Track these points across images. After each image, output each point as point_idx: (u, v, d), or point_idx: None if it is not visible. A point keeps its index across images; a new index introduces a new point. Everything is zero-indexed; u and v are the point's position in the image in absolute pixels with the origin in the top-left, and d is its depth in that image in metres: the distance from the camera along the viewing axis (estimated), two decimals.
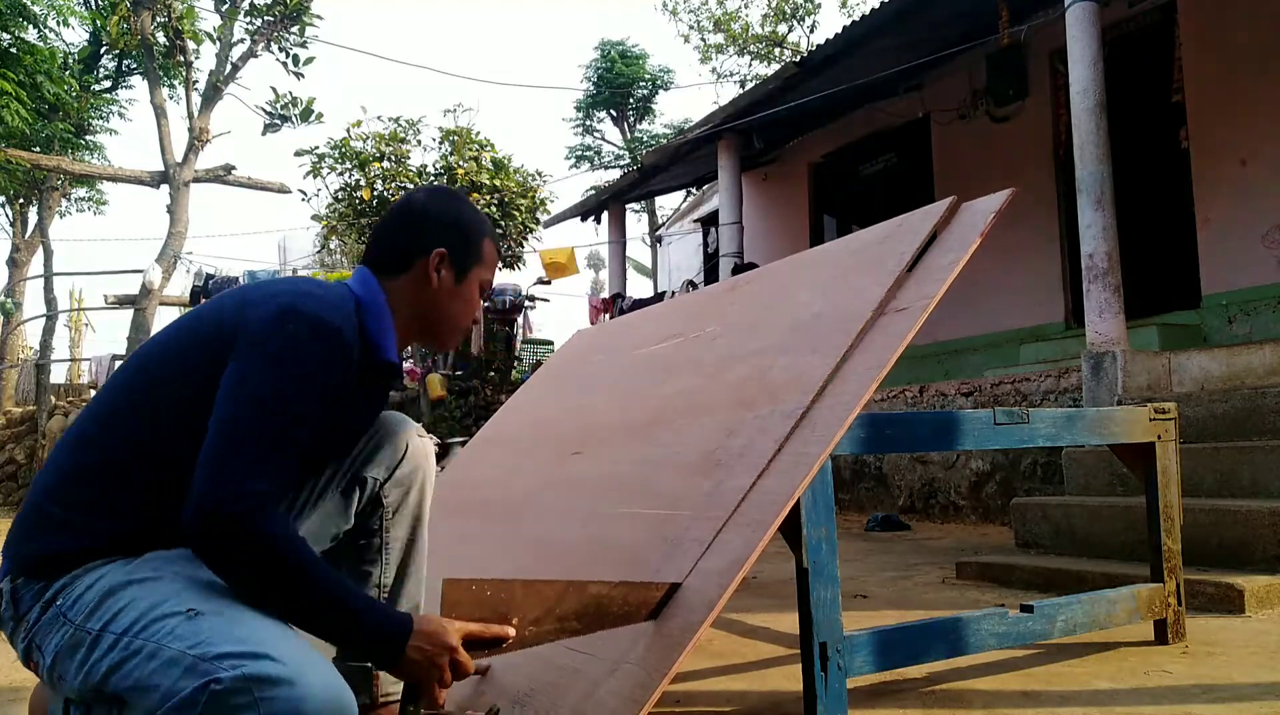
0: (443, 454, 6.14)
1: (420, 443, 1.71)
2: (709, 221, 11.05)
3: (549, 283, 10.27)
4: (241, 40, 8.54)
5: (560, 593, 1.35)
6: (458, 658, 1.22)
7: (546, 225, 10.78)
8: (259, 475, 1.18)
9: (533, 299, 10.29)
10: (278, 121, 8.84)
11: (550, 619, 1.34)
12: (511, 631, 1.29)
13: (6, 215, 14.72)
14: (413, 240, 1.48)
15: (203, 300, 9.51)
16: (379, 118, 10.48)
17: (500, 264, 1.58)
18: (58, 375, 12.01)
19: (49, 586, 1.22)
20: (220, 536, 1.15)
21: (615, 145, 20.39)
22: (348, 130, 10.19)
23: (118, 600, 1.18)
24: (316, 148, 10.18)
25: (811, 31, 13.72)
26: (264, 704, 1.05)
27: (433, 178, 10.10)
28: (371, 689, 1.63)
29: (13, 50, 11.66)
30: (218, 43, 8.55)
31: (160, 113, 8.54)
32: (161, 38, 8.51)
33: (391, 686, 1.66)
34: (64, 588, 1.21)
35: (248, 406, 1.21)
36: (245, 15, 8.46)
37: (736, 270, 6.80)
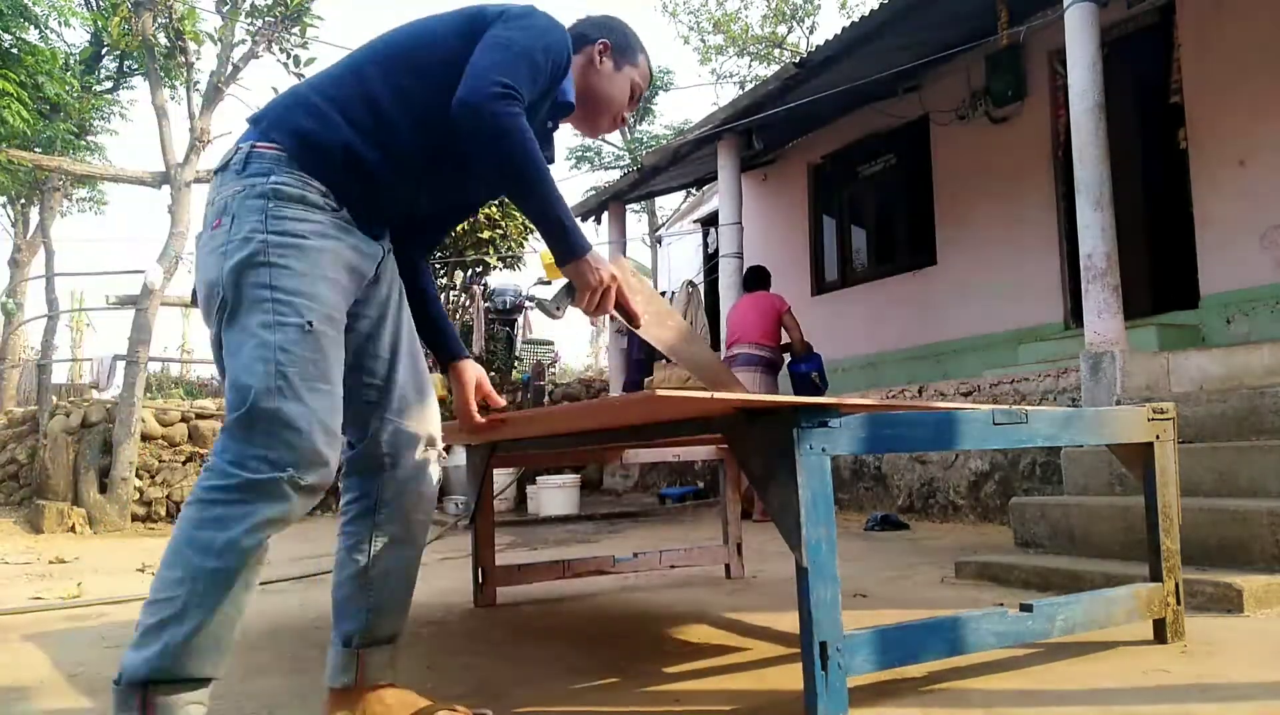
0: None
1: (428, 460, 1.79)
2: (709, 222, 11.06)
3: (549, 283, 10.27)
4: (243, 41, 8.53)
5: (679, 325, 1.92)
6: (619, 288, 1.66)
7: None
8: (515, 80, 1.52)
9: (533, 299, 10.30)
10: None
11: (659, 327, 1.84)
12: (641, 320, 1.74)
13: (8, 216, 14.73)
14: (588, 30, 1.85)
15: None
16: None
17: (639, 95, 1.92)
18: (59, 375, 12.03)
19: (278, 181, 1.52)
20: (481, 112, 1.49)
21: (615, 146, 20.39)
22: None
23: (299, 261, 1.49)
24: None
25: (811, 33, 13.73)
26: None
27: None
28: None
29: (14, 51, 11.66)
30: (219, 43, 8.54)
31: (161, 113, 8.53)
32: (163, 38, 8.50)
33: (376, 672, 1.71)
34: (286, 199, 1.52)
35: (503, 42, 1.58)
36: (246, 16, 8.46)
37: (748, 278, 6.74)
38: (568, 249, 1.59)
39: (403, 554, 1.76)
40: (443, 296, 10.71)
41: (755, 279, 6.56)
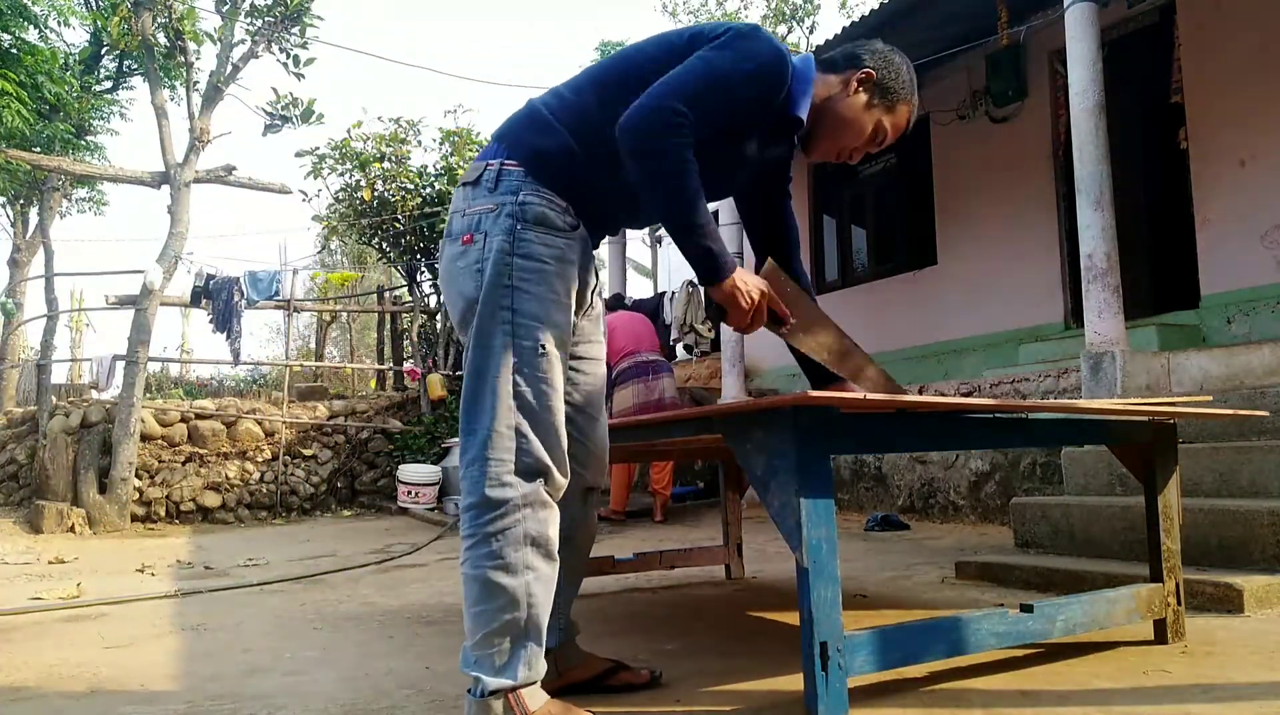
0: None
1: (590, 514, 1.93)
2: None
3: None
4: (242, 41, 8.52)
5: (828, 325, 1.87)
6: (767, 301, 1.70)
7: None
8: (688, 102, 1.55)
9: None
10: (278, 122, 8.83)
11: (811, 335, 1.84)
12: (791, 320, 1.76)
13: (7, 216, 14.71)
14: (858, 55, 1.78)
15: (204, 301, 9.54)
16: (379, 118, 10.49)
17: (883, 140, 1.84)
18: (59, 375, 12.00)
19: (525, 199, 1.62)
20: (633, 134, 1.55)
21: None
22: (348, 131, 10.19)
23: (539, 286, 1.60)
24: (317, 148, 10.19)
25: (811, 33, 13.70)
26: None
27: (433, 178, 10.10)
28: None
29: (13, 50, 11.65)
30: (218, 43, 8.53)
31: (161, 113, 8.52)
32: (162, 38, 8.49)
33: (569, 663, 1.92)
34: (532, 221, 1.62)
35: (697, 66, 1.60)
36: (246, 16, 8.45)
37: (618, 301, 7.37)
38: (713, 275, 1.64)
39: (577, 580, 1.96)
40: (435, 297, 10.72)
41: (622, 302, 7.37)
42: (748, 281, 1.67)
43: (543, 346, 1.60)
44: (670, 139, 1.55)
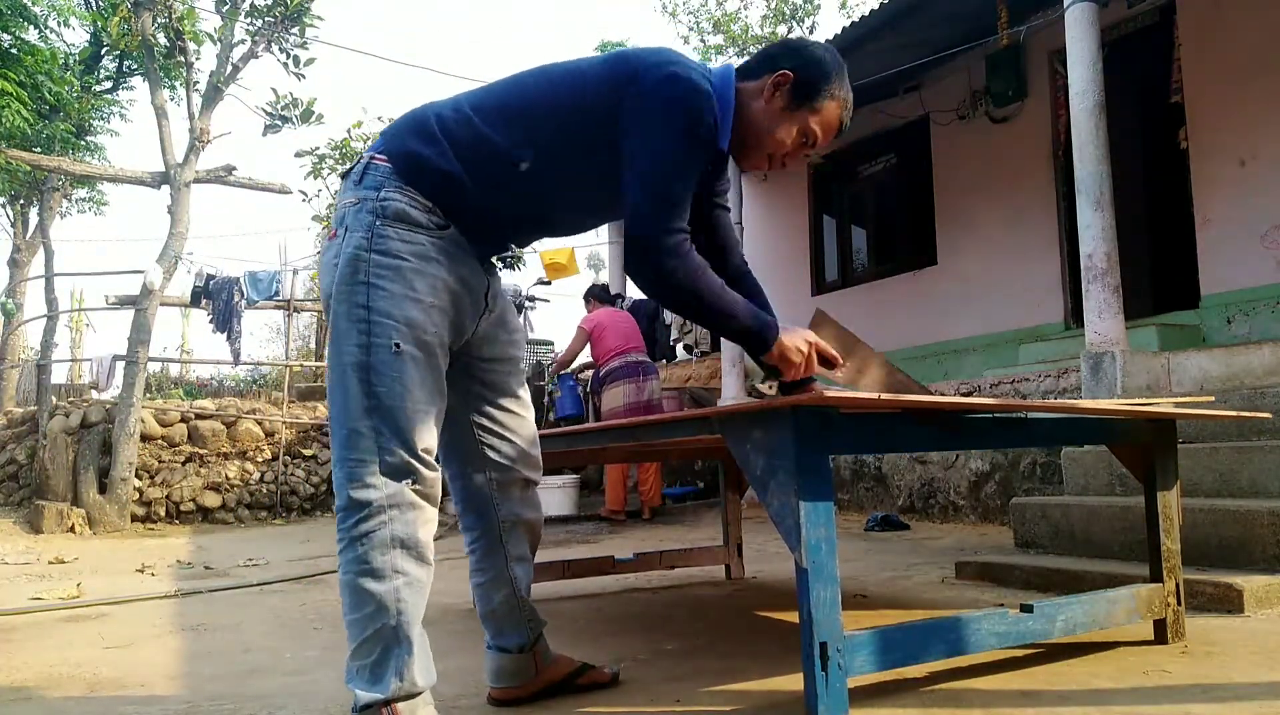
0: None
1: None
2: None
3: (549, 283, 10.27)
4: (242, 41, 8.51)
5: (880, 363, 1.92)
6: (818, 348, 1.73)
7: None
8: (672, 214, 1.58)
9: (533, 299, 10.29)
10: (278, 122, 8.83)
11: (864, 374, 1.90)
12: (842, 363, 1.79)
13: (7, 216, 14.72)
14: (775, 56, 1.71)
15: (204, 301, 9.55)
16: (379, 118, 10.48)
17: (814, 142, 1.76)
18: (59, 375, 12.00)
19: (386, 195, 1.60)
20: (651, 273, 1.59)
21: None
22: (348, 131, 10.19)
23: (395, 283, 1.56)
24: (317, 148, 10.19)
25: (811, 33, 13.69)
26: None
27: None
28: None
29: (13, 51, 11.66)
30: (218, 43, 8.53)
31: (161, 113, 8.52)
32: (162, 38, 8.49)
33: (544, 659, 1.93)
34: (391, 217, 1.59)
35: (647, 168, 1.58)
36: (246, 16, 8.44)
37: (606, 292, 7.19)
38: (760, 347, 1.69)
39: (529, 566, 1.94)
40: None
41: (609, 295, 7.20)
42: (794, 340, 1.70)
43: (397, 345, 1.56)
44: (674, 263, 1.58)
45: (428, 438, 1.60)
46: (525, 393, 1.92)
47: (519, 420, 1.89)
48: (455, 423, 1.80)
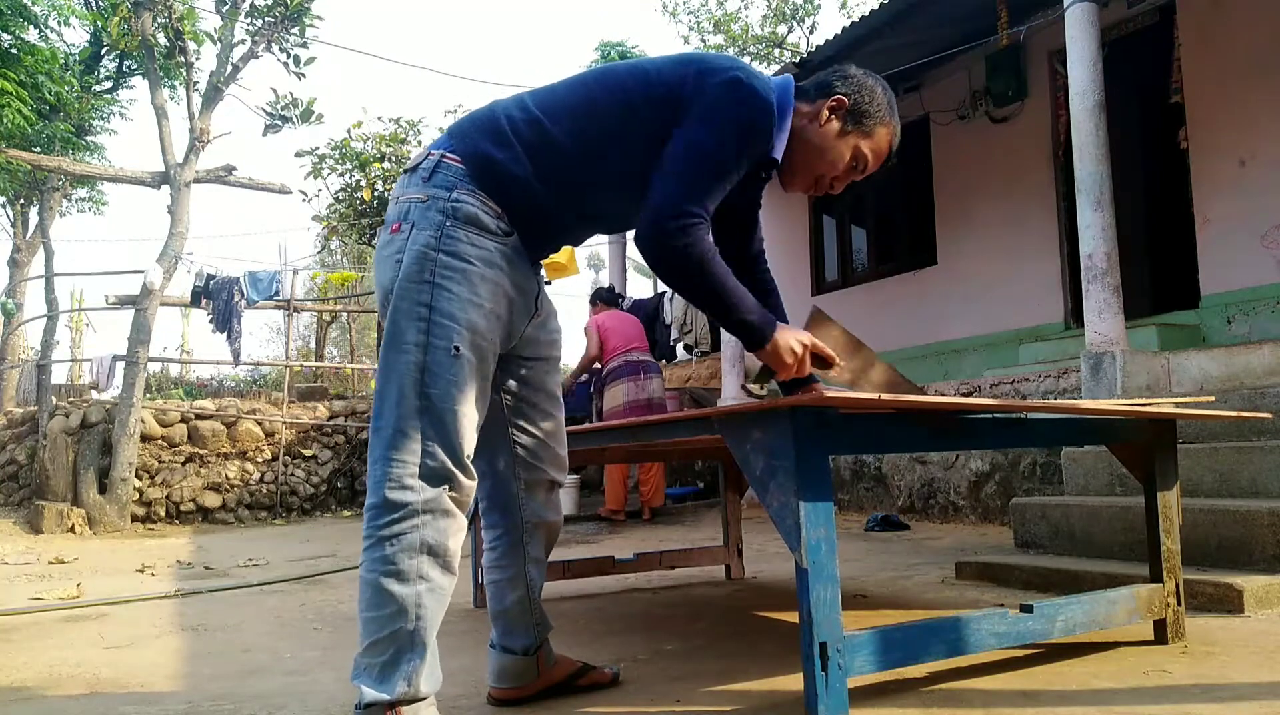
0: None
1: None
2: None
3: (549, 283, 10.27)
4: (242, 41, 8.51)
5: (876, 364, 1.94)
6: (814, 349, 1.72)
7: None
8: (699, 200, 1.59)
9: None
10: (278, 122, 8.82)
11: (860, 373, 1.91)
12: (839, 363, 1.79)
13: (8, 216, 14.71)
14: (833, 82, 1.75)
15: (204, 301, 9.55)
16: (379, 118, 10.48)
17: (864, 168, 1.85)
18: (59, 375, 11.99)
19: (459, 198, 1.60)
20: (661, 249, 1.59)
21: None
22: (348, 131, 10.18)
23: (461, 286, 1.58)
24: (317, 148, 10.17)
25: (811, 33, 13.69)
26: None
27: None
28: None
29: (13, 50, 11.65)
30: (218, 43, 8.52)
31: (161, 113, 8.52)
32: (162, 38, 8.49)
33: (546, 662, 1.93)
34: (462, 220, 1.60)
35: (691, 155, 1.60)
36: (246, 16, 8.44)
37: (611, 295, 7.18)
38: (757, 343, 1.69)
39: (543, 569, 1.94)
40: None
41: (616, 297, 7.22)
42: (789, 340, 1.70)
43: (457, 348, 1.57)
44: (691, 248, 1.58)
45: (469, 444, 1.61)
46: (559, 393, 1.92)
47: (551, 420, 1.89)
48: (489, 418, 1.78)
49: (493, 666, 1.91)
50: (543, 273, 1.86)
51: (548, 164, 1.65)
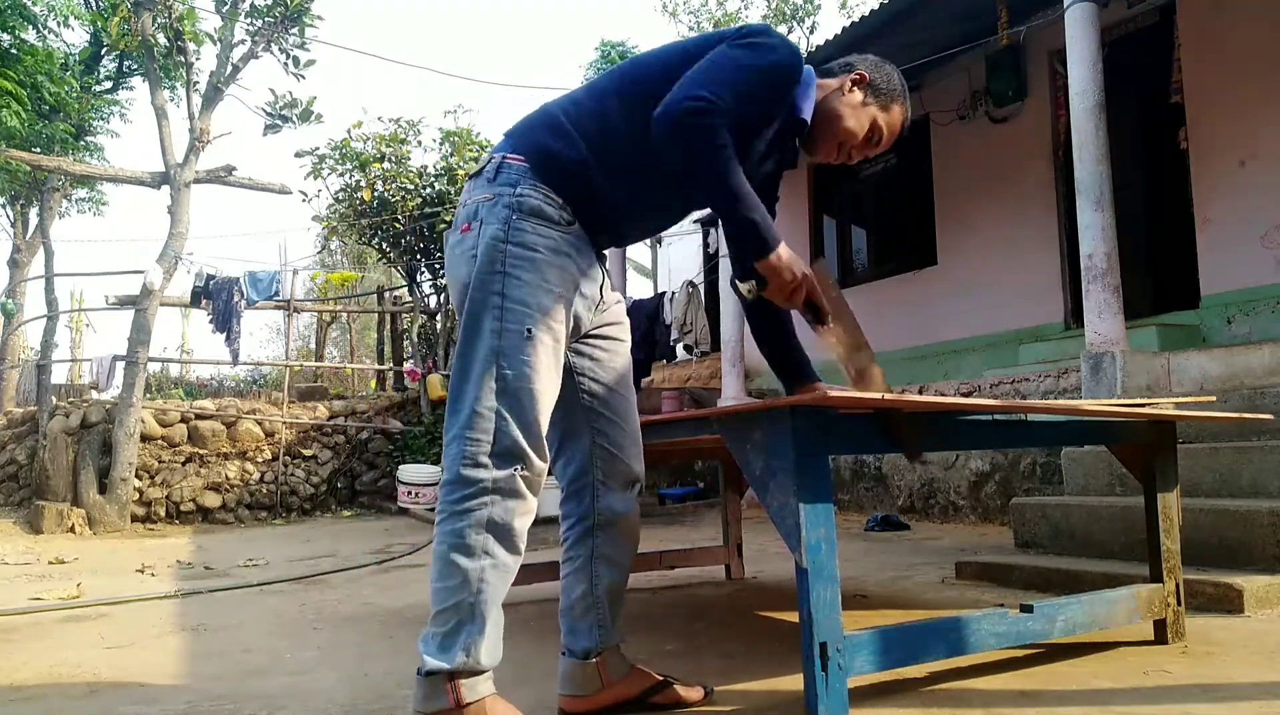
0: None
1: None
2: (709, 222, 11.05)
3: None
4: (242, 41, 8.51)
5: (858, 333, 1.90)
6: (811, 292, 1.70)
7: None
8: (717, 90, 1.60)
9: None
10: (278, 122, 8.82)
11: (841, 339, 1.87)
12: (830, 318, 1.76)
13: (7, 216, 14.71)
14: (850, 62, 1.90)
15: (204, 301, 9.54)
16: (379, 118, 10.49)
17: (879, 139, 1.92)
18: (59, 376, 12.00)
19: (522, 192, 1.67)
20: (670, 115, 1.59)
21: None
22: (348, 131, 10.19)
23: (530, 273, 1.63)
24: (317, 149, 10.20)
25: (811, 33, 13.69)
26: None
27: (433, 178, 10.10)
28: None
29: (13, 51, 11.65)
30: (218, 44, 8.52)
31: (161, 114, 8.51)
32: (162, 39, 8.49)
33: (613, 672, 1.82)
34: (527, 212, 1.66)
35: (721, 59, 1.67)
36: (246, 16, 8.44)
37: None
38: (759, 248, 1.65)
39: (618, 573, 1.87)
40: (435, 298, 10.72)
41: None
42: (795, 259, 1.69)
43: (529, 331, 1.62)
44: (703, 118, 1.58)
45: (543, 424, 1.65)
46: (631, 379, 1.91)
47: (624, 402, 1.87)
48: (568, 403, 1.80)
49: (559, 670, 1.85)
50: (606, 262, 1.89)
51: (601, 146, 1.71)
